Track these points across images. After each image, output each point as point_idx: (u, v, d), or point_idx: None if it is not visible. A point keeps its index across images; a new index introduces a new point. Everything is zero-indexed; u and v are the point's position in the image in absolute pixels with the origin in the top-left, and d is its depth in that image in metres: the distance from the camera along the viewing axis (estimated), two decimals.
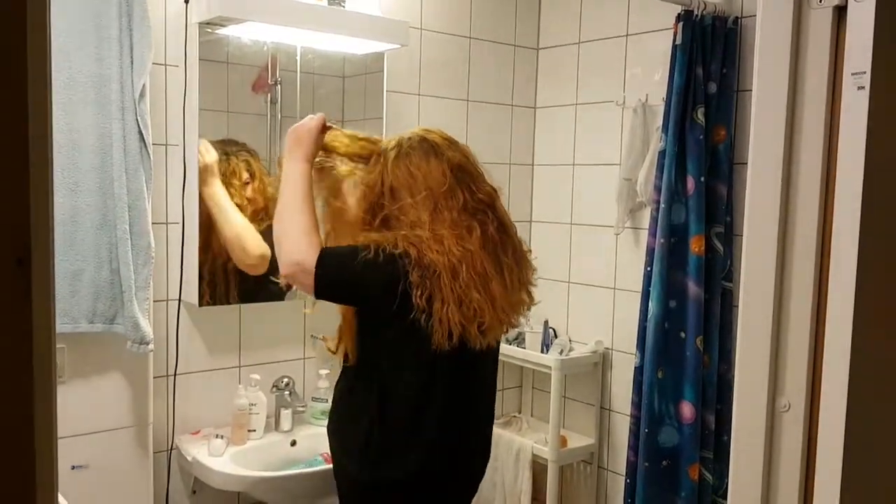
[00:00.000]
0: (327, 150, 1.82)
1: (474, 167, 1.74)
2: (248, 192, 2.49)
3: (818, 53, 1.21)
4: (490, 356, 1.79)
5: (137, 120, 2.18)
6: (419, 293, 1.56)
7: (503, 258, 1.68)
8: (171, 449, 2.46)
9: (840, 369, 1.16)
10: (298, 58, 2.58)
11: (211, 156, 2.38)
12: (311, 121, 1.77)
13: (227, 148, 2.45)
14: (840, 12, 1.18)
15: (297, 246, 1.63)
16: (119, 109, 2.15)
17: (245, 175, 2.48)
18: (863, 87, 1.12)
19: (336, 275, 1.63)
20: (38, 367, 0.60)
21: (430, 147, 1.69)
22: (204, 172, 2.36)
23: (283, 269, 1.66)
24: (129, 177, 2.17)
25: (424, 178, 1.65)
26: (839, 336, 1.17)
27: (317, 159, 1.79)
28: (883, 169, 1.17)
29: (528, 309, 1.80)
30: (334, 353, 1.80)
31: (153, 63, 2.23)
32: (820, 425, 1.22)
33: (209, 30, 2.36)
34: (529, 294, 1.78)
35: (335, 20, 2.46)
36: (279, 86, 2.55)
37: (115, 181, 2.15)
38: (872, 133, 1.14)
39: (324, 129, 1.78)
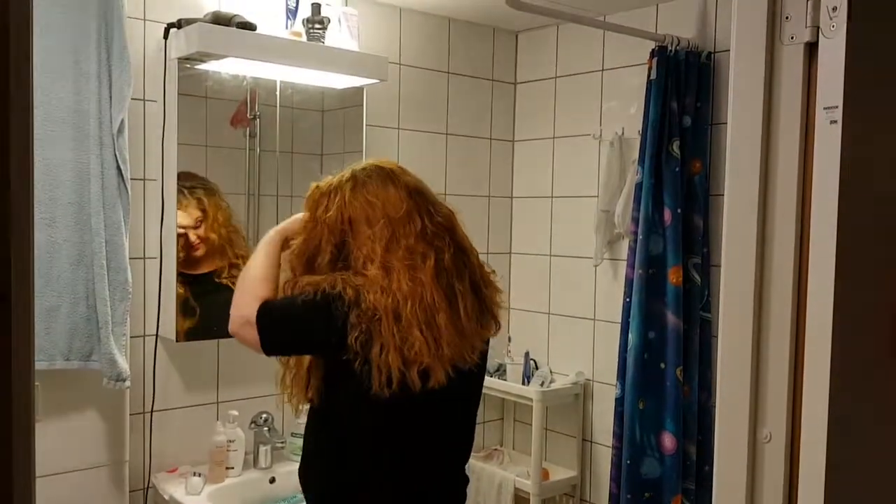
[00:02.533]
0: None
1: (430, 192, 1.71)
2: (201, 230, 2.44)
3: (791, 88, 1.24)
4: (456, 394, 1.69)
5: (116, 155, 2.17)
6: (355, 335, 1.52)
7: (458, 286, 1.63)
8: (148, 487, 2.41)
9: (820, 398, 1.17)
10: (278, 92, 2.59)
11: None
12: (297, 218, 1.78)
13: (181, 183, 2.39)
14: (811, 48, 1.21)
15: (245, 301, 1.63)
16: (97, 144, 2.14)
17: (197, 213, 2.43)
18: (835, 121, 1.15)
19: (275, 325, 1.61)
20: (17, 405, 0.59)
21: (386, 174, 1.67)
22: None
23: (231, 326, 1.66)
24: (107, 211, 2.16)
25: (382, 206, 1.62)
26: (819, 364, 1.18)
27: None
28: (856, 199, 1.19)
29: (493, 334, 1.75)
30: (306, 400, 1.75)
31: (132, 98, 2.23)
32: (802, 455, 1.22)
33: (188, 65, 2.37)
34: (495, 318, 1.73)
35: (315, 55, 2.48)
36: (258, 120, 2.56)
37: (93, 216, 2.14)
38: (845, 165, 1.16)
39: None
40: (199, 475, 2.33)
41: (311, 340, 1.62)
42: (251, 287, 1.66)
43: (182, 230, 2.39)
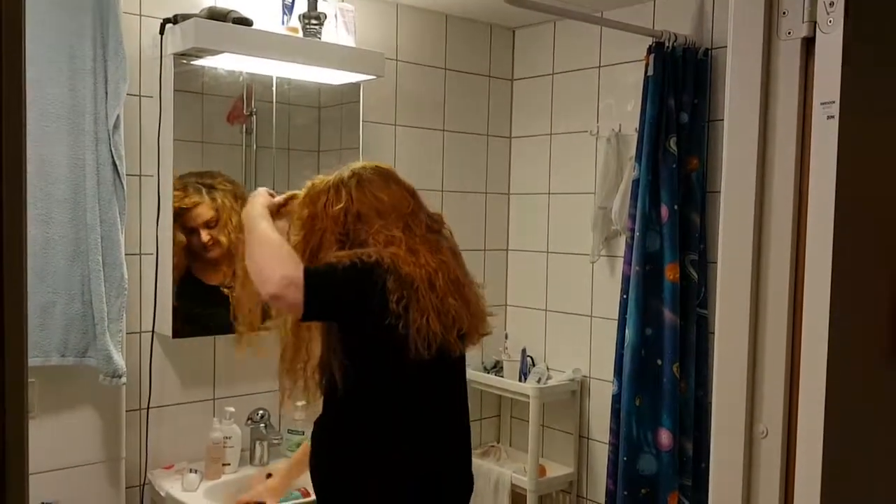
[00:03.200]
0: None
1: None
2: (215, 231, 2.43)
3: (788, 84, 1.23)
4: (459, 372, 1.83)
5: (111, 151, 2.16)
6: (395, 298, 1.60)
7: (462, 271, 1.79)
8: (144, 484, 2.41)
9: (817, 395, 1.17)
10: (274, 88, 2.59)
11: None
12: (258, 194, 1.82)
13: (200, 180, 2.42)
14: (808, 43, 1.21)
15: (283, 264, 1.58)
16: (93, 140, 2.14)
17: (211, 213, 2.42)
18: (832, 117, 1.15)
19: (323, 285, 1.59)
20: (11, 401, 0.59)
21: (386, 174, 1.79)
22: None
23: (271, 288, 1.57)
24: (103, 207, 2.15)
25: (391, 201, 1.72)
26: (815, 361, 1.18)
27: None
28: (853, 195, 1.19)
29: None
30: (318, 395, 1.78)
31: (128, 94, 2.22)
32: (798, 451, 1.22)
33: (184, 61, 2.36)
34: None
35: (311, 51, 2.47)
36: (254, 116, 2.55)
37: (88, 212, 2.13)
38: (842, 160, 1.16)
39: (271, 195, 1.83)
40: (196, 472, 2.33)
41: (354, 303, 1.62)
42: (283, 252, 1.62)
43: (194, 227, 2.40)
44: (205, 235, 2.40)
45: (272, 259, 1.61)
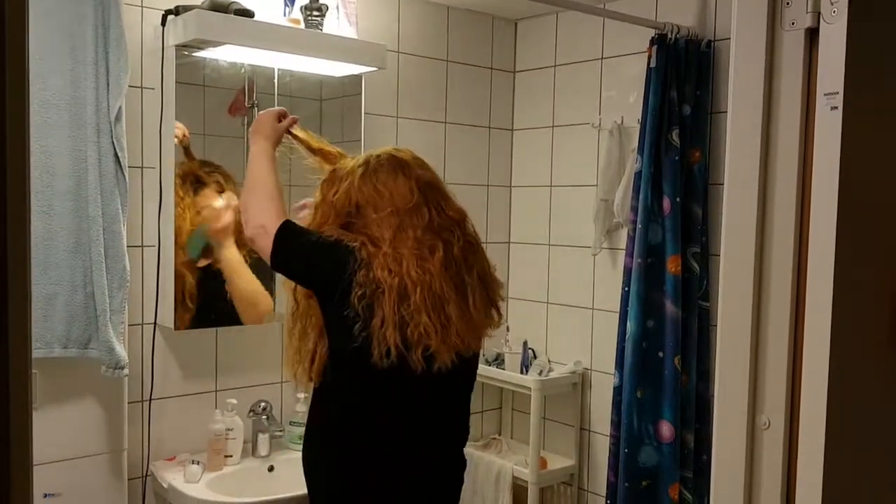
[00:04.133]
0: (294, 137, 1.95)
1: (444, 188, 1.76)
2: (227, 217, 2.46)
3: (791, 75, 1.23)
4: (456, 378, 1.72)
5: (113, 142, 2.16)
6: (358, 294, 1.57)
7: (467, 278, 1.67)
8: (146, 475, 2.42)
9: (819, 386, 1.17)
10: (276, 80, 2.58)
11: (226, 218, 2.41)
12: (270, 110, 1.92)
13: (202, 168, 2.44)
14: (812, 34, 1.21)
15: (263, 211, 1.71)
16: (94, 132, 2.14)
17: (216, 197, 2.45)
18: (836, 108, 1.14)
19: (293, 242, 1.68)
20: (14, 392, 0.59)
21: (398, 164, 1.70)
22: (222, 235, 2.42)
23: (248, 230, 1.74)
24: (105, 199, 2.15)
25: (391, 195, 1.65)
26: (818, 353, 1.18)
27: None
28: (856, 186, 1.19)
29: (496, 326, 1.80)
30: (309, 378, 1.78)
31: (129, 86, 2.22)
32: (800, 442, 1.22)
33: (186, 52, 2.36)
34: (498, 311, 1.79)
35: (313, 43, 2.47)
36: (256, 108, 2.54)
37: (90, 204, 2.13)
38: (846, 152, 1.16)
39: (282, 118, 1.91)
40: (198, 463, 2.34)
41: (315, 275, 1.68)
42: (269, 198, 1.73)
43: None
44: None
45: (257, 205, 1.74)
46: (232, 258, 2.45)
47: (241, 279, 2.47)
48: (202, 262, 2.43)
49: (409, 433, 1.70)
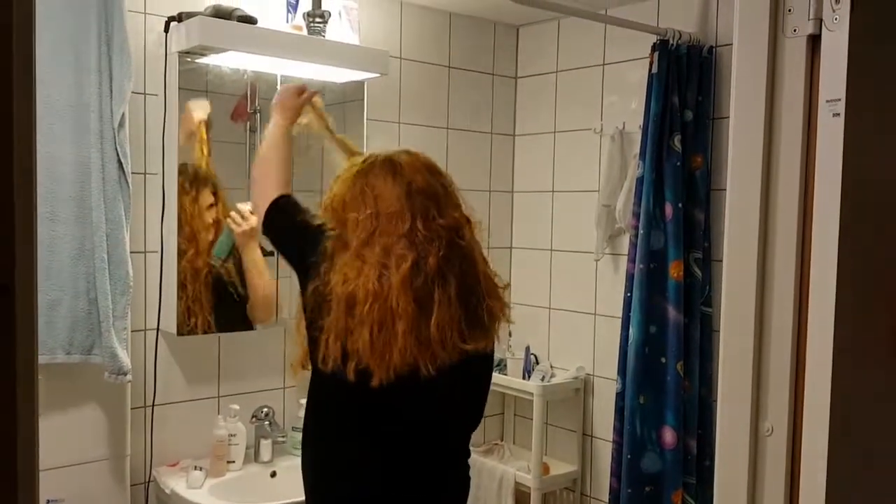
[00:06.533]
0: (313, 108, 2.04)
1: (446, 194, 1.64)
2: (213, 214, 2.47)
3: (793, 81, 1.23)
4: (412, 395, 1.59)
5: (116, 149, 2.17)
6: (314, 285, 1.57)
7: (437, 294, 1.53)
8: (149, 481, 2.42)
9: (822, 393, 1.17)
10: (278, 86, 2.58)
11: (251, 221, 2.43)
12: (292, 85, 2.01)
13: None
14: (814, 41, 1.21)
15: (262, 191, 1.82)
16: (98, 138, 2.14)
17: (210, 198, 2.46)
18: (838, 114, 1.15)
19: (279, 219, 1.77)
20: (21, 397, 0.59)
21: (393, 166, 1.61)
22: (246, 237, 2.47)
23: (252, 200, 1.96)
24: (108, 206, 2.15)
25: (375, 198, 1.57)
26: (821, 358, 1.18)
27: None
28: (859, 193, 1.19)
29: (488, 348, 1.69)
30: (303, 366, 1.75)
31: (132, 92, 2.23)
32: (803, 448, 1.22)
33: (189, 59, 2.36)
34: (493, 331, 1.66)
35: (315, 49, 2.47)
36: (258, 114, 2.55)
37: (94, 210, 2.13)
38: (848, 158, 1.16)
39: (302, 92, 1.99)
40: (201, 469, 2.34)
41: (287, 253, 1.78)
42: (272, 172, 1.84)
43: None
44: (207, 217, 2.47)
45: (260, 179, 1.86)
46: (257, 259, 2.51)
47: (262, 278, 2.53)
48: (229, 262, 2.52)
49: (362, 440, 1.64)
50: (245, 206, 2.45)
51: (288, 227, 1.76)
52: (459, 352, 1.56)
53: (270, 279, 2.55)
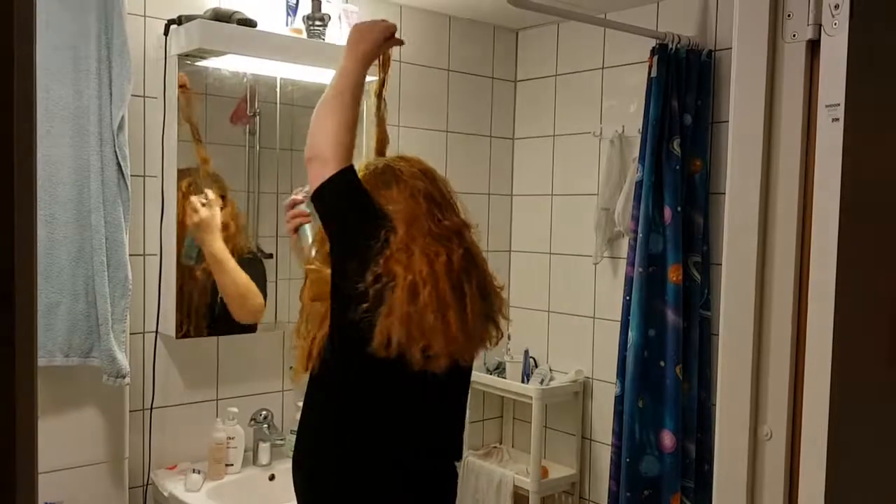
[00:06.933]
0: (384, 65, 1.88)
1: (443, 197, 1.69)
2: (222, 215, 2.41)
3: (793, 86, 1.24)
4: (445, 386, 1.67)
5: (116, 151, 2.17)
6: (376, 272, 1.53)
7: (466, 287, 1.61)
8: (147, 484, 2.41)
9: (821, 397, 1.17)
10: (278, 89, 2.59)
11: (211, 210, 2.34)
12: (379, 23, 1.74)
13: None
14: (813, 46, 1.21)
15: (331, 145, 1.59)
16: (97, 141, 2.14)
17: (219, 201, 2.40)
18: (837, 119, 1.15)
19: (343, 186, 1.59)
20: (20, 399, 0.59)
21: (392, 174, 1.66)
22: (203, 231, 2.34)
23: (310, 151, 1.61)
24: (107, 208, 2.15)
25: (391, 199, 1.62)
26: (820, 363, 1.18)
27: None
28: (857, 197, 1.19)
29: (495, 343, 1.73)
30: (305, 369, 1.72)
31: (132, 95, 2.23)
32: (802, 453, 1.22)
33: (188, 61, 2.36)
34: (497, 326, 1.72)
35: (315, 52, 2.48)
36: (258, 117, 2.55)
37: (93, 213, 2.13)
38: (847, 163, 1.16)
39: (391, 37, 1.76)
40: (199, 472, 2.33)
41: (349, 219, 1.60)
42: (338, 126, 1.60)
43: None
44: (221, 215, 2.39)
45: (326, 131, 1.60)
46: (217, 253, 2.35)
47: (227, 275, 2.37)
48: (199, 267, 2.41)
49: (404, 431, 1.66)
50: (197, 199, 2.33)
51: (354, 207, 1.60)
52: (482, 343, 1.68)
53: (239, 272, 2.39)
